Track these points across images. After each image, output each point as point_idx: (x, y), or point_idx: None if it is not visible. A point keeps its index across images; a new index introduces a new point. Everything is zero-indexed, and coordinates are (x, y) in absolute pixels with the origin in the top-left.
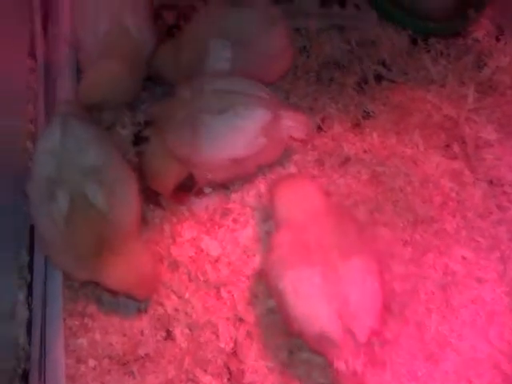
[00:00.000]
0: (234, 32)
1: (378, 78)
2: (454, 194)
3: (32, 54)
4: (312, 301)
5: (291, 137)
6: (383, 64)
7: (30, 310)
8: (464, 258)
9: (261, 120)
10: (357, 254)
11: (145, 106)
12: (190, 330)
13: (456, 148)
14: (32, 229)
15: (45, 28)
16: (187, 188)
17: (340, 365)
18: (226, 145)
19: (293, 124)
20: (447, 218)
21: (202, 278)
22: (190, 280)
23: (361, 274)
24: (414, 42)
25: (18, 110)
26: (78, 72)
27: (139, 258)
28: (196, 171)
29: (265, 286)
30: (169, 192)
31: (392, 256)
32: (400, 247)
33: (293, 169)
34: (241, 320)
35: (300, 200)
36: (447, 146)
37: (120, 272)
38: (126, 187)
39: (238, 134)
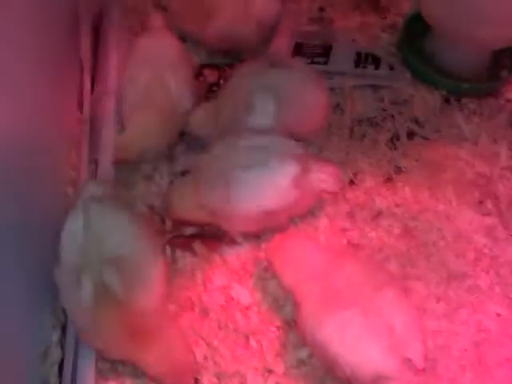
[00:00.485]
0: (275, 90)
1: (411, 134)
2: (487, 250)
3: (79, 107)
4: (360, 343)
5: (322, 190)
6: (416, 121)
7: (63, 350)
8: (498, 314)
9: (291, 173)
10: (386, 285)
11: (183, 157)
12: (218, 379)
13: (489, 204)
14: None
15: (92, 85)
16: (218, 237)
17: None
18: (257, 198)
19: (324, 177)
20: (480, 274)
21: (231, 326)
22: (220, 328)
23: (397, 302)
24: (446, 101)
25: (63, 157)
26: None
27: (172, 344)
28: (228, 224)
29: (295, 336)
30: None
31: (425, 311)
32: (433, 303)
33: (324, 220)
34: (270, 371)
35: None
36: (480, 202)
37: (152, 359)
38: (150, 274)
39: (269, 186)
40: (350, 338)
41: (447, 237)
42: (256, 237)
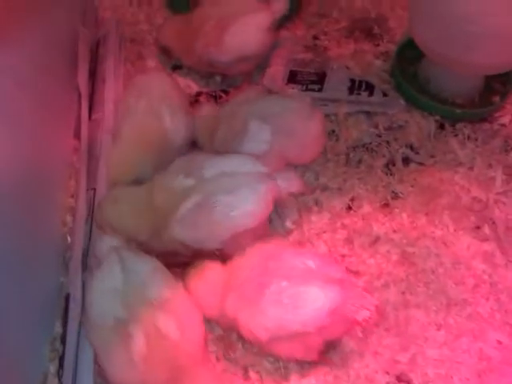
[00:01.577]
0: (272, 117)
1: (406, 160)
2: (486, 277)
3: (77, 136)
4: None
5: (289, 193)
6: (411, 147)
7: (60, 381)
8: (499, 342)
9: (266, 191)
10: None
11: None
12: None
13: (486, 230)
14: (67, 299)
15: (90, 113)
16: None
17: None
18: (240, 219)
19: (286, 183)
20: (480, 301)
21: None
22: (218, 359)
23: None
24: (441, 126)
25: (61, 185)
26: None
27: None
28: (206, 249)
29: (294, 365)
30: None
31: (425, 339)
32: (433, 331)
33: (323, 247)
34: None
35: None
36: (477, 227)
37: None
38: (194, 313)
39: (253, 207)
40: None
41: (446, 263)
42: None
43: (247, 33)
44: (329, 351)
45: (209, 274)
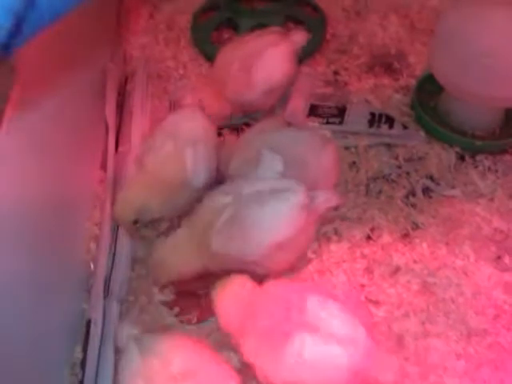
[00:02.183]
0: (285, 148)
1: (427, 191)
2: (507, 307)
3: (103, 167)
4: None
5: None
6: (431, 178)
7: None
8: None
9: (301, 200)
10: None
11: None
12: None
13: (507, 260)
14: (88, 325)
15: (116, 146)
16: None
17: None
18: (272, 229)
19: (323, 197)
20: (501, 331)
21: None
22: None
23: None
24: (461, 158)
25: (86, 214)
26: None
27: None
28: (249, 268)
29: None
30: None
31: (445, 369)
32: (453, 360)
33: (342, 277)
34: None
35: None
36: (498, 257)
37: None
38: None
39: (283, 217)
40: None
41: (466, 293)
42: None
43: (273, 65)
44: None
45: (235, 287)
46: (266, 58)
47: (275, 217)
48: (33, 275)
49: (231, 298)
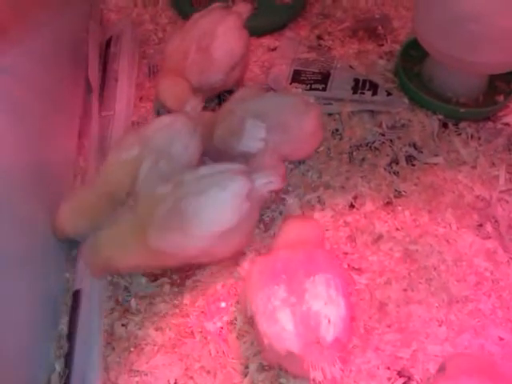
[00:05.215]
0: (267, 114)
1: (410, 159)
2: (488, 274)
3: (82, 135)
4: (278, 317)
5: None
6: (414, 146)
7: (67, 379)
8: (501, 339)
9: (242, 188)
10: (322, 272)
11: None
12: None
13: (489, 228)
14: (75, 296)
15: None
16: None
17: (316, 375)
18: (214, 219)
19: (265, 182)
20: (482, 298)
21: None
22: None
23: (324, 287)
24: (444, 125)
25: (67, 184)
26: None
27: None
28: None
29: None
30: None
31: (427, 336)
32: (435, 327)
33: (325, 245)
34: None
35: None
36: (480, 225)
37: None
38: None
39: (225, 206)
40: (271, 311)
41: (448, 261)
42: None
43: (230, 40)
44: None
45: None
46: (221, 35)
47: (216, 206)
48: (13, 250)
49: None
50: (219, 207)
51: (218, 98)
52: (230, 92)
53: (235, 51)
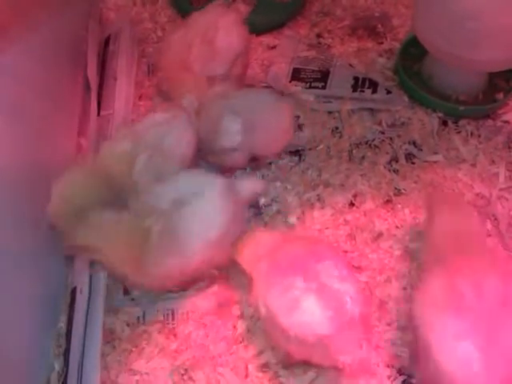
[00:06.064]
0: (244, 110)
1: (409, 157)
2: None
3: (81, 134)
4: (301, 306)
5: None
6: (414, 144)
7: (66, 378)
8: None
9: (221, 188)
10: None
11: None
12: None
13: (489, 225)
14: (73, 293)
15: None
16: None
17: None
18: (205, 229)
19: (247, 187)
20: None
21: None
22: None
23: (336, 269)
24: (444, 123)
25: None
26: None
27: None
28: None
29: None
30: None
31: None
32: None
33: (325, 243)
34: None
35: None
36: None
37: None
38: None
39: (206, 218)
40: (292, 302)
41: None
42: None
43: (231, 34)
44: None
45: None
46: (223, 28)
47: (201, 219)
48: (11, 247)
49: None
50: (203, 219)
51: None
52: None
53: (236, 44)
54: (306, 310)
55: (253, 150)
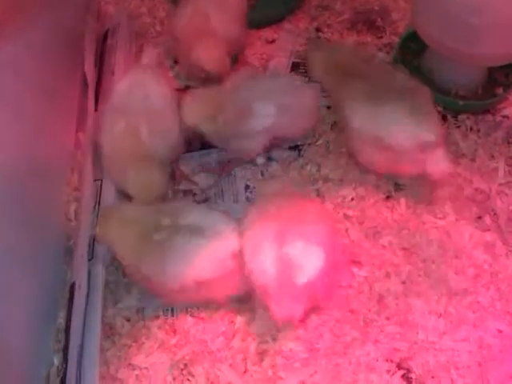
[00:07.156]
0: (272, 94)
1: None
2: (487, 266)
3: (79, 129)
4: (260, 253)
5: None
6: None
7: (65, 373)
8: (500, 331)
9: (230, 246)
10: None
11: None
12: None
13: (488, 220)
14: (72, 289)
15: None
16: None
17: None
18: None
19: None
20: (481, 291)
21: None
22: None
23: (308, 237)
24: (443, 117)
25: (64, 178)
26: None
27: None
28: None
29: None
30: None
31: (426, 328)
32: (434, 319)
33: None
34: None
35: None
36: (479, 218)
37: None
38: None
39: (206, 257)
40: (257, 246)
41: (447, 253)
42: None
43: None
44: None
45: None
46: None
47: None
48: (9, 244)
49: None
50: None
51: None
52: None
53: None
54: (262, 259)
55: (278, 133)
